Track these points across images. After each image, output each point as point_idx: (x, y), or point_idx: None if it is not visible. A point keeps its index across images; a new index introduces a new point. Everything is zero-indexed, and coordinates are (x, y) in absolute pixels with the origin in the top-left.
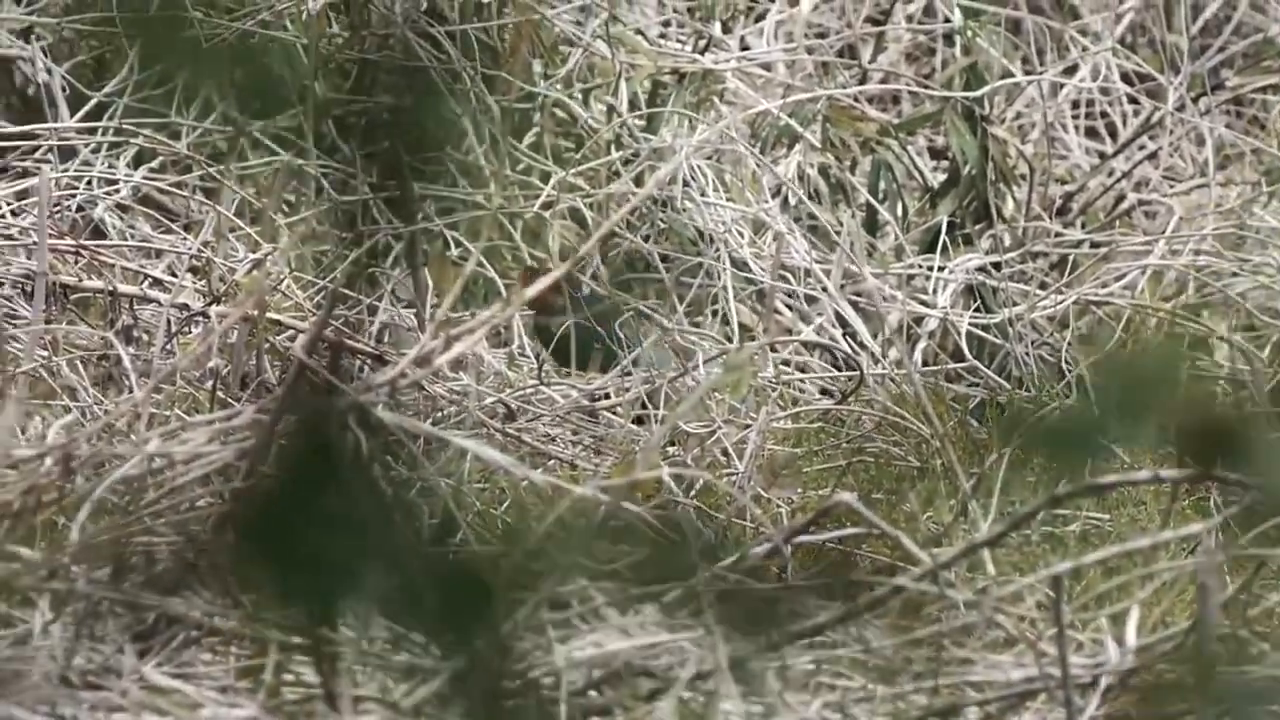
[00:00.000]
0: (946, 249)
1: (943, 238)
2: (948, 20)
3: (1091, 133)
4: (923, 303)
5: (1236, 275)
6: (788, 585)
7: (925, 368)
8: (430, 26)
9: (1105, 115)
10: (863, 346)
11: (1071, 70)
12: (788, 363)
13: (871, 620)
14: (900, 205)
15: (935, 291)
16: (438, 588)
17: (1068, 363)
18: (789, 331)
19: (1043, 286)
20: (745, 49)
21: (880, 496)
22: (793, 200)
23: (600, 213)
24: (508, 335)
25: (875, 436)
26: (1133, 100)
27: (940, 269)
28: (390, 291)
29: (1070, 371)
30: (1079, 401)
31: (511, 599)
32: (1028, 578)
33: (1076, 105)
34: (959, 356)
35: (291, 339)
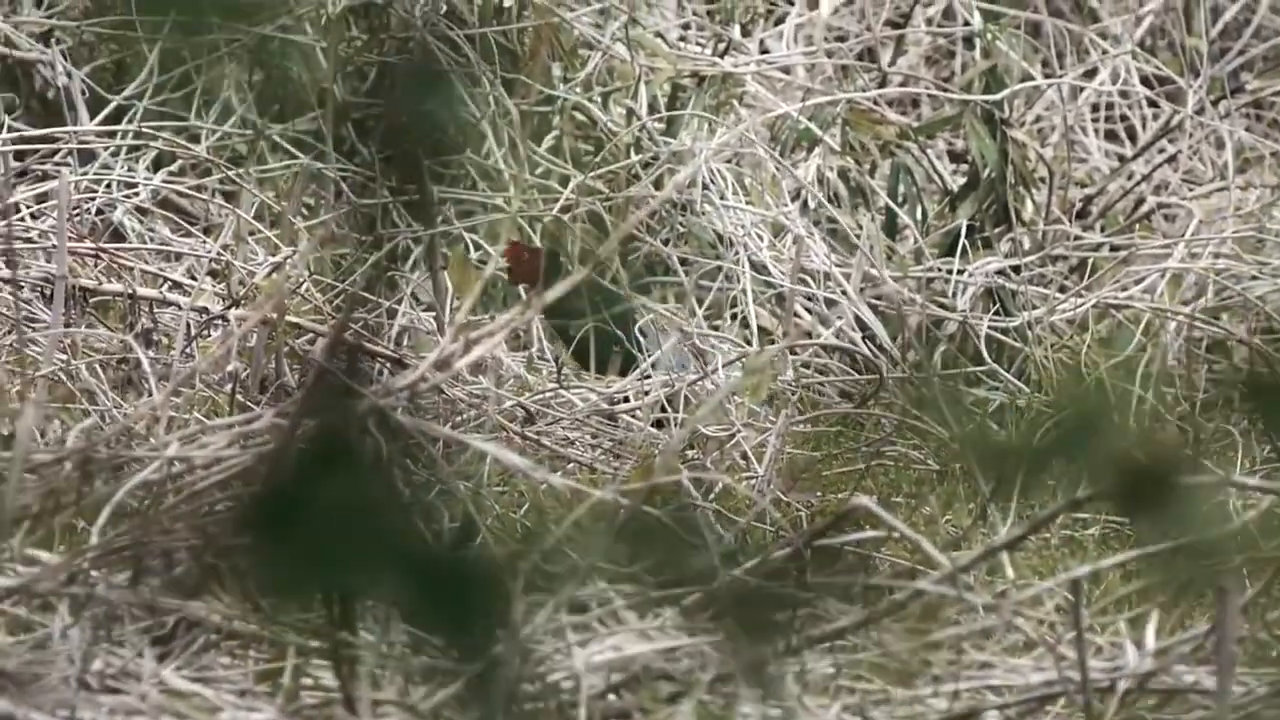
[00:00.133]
0: (966, 252)
1: (962, 241)
2: (967, 23)
3: (1111, 136)
4: (942, 306)
5: (1256, 278)
6: (807, 588)
7: (944, 371)
8: (450, 30)
9: (1125, 118)
10: (882, 350)
11: (1091, 73)
12: (807, 366)
13: (891, 624)
14: (920, 208)
15: (954, 295)
16: (457, 591)
17: (1086, 366)
18: (808, 335)
19: (1062, 290)
20: (765, 52)
21: (900, 500)
22: (812, 203)
23: (619, 216)
24: (527, 338)
25: (895, 440)
26: (1152, 103)
27: (959, 272)
28: (410, 295)
29: (1089, 375)
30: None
31: (531, 602)
32: (1047, 581)
33: (1096, 108)
34: (978, 360)
35: (311, 342)
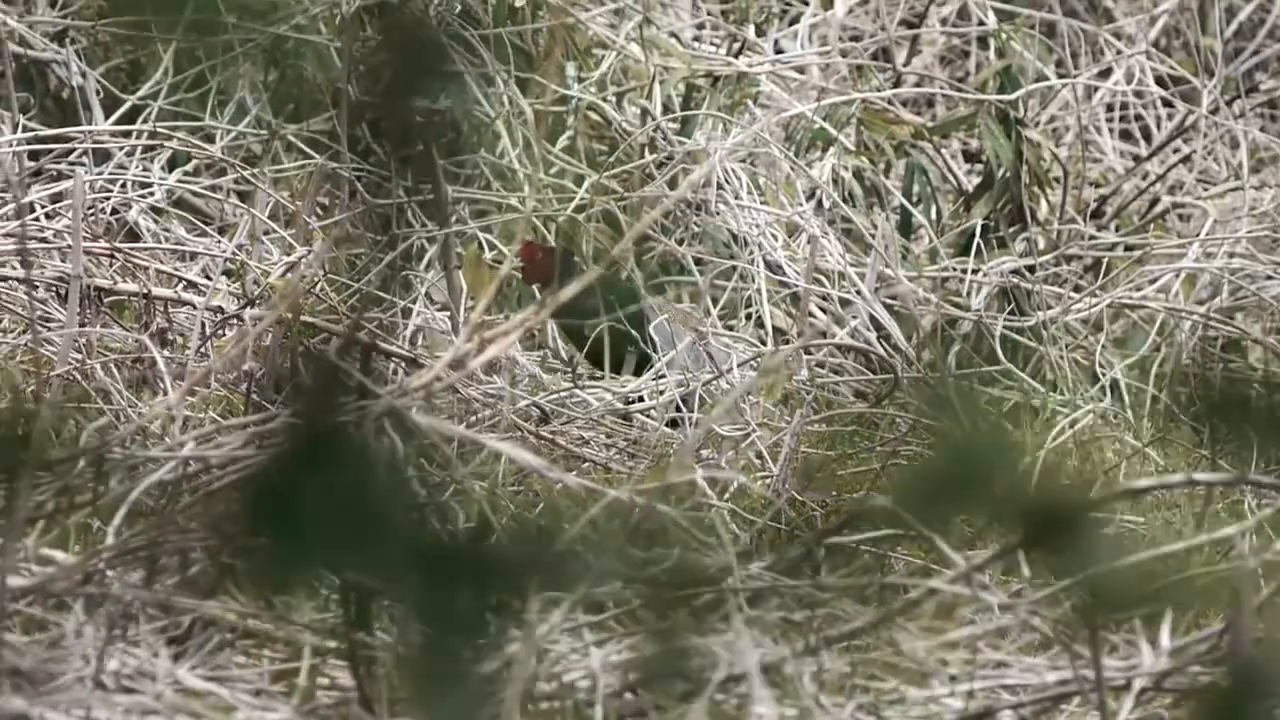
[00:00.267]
0: (980, 252)
1: (977, 241)
2: (982, 23)
3: (1126, 136)
4: (957, 305)
5: (1271, 278)
6: (822, 588)
7: (959, 370)
8: (465, 30)
9: (1139, 118)
10: (897, 349)
11: (1106, 73)
12: (822, 365)
13: (906, 623)
14: (934, 208)
15: (969, 294)
16: (472, 590)
17: (1101, 366)
18: (823, 335)
19: (1077, 289)
20: (779, 52)
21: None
22: (827, 203)
23: (634, 216)
24: (542, 338)
25: (910, 439)
26: (1167, 103)
27: (974, 272)
28: (424, 294)
29: (1104, 375)
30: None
31: (546, 602)
32: (1062, 580)
33: (1111, 108)
34: (993, 359)
35: (326, 342)
